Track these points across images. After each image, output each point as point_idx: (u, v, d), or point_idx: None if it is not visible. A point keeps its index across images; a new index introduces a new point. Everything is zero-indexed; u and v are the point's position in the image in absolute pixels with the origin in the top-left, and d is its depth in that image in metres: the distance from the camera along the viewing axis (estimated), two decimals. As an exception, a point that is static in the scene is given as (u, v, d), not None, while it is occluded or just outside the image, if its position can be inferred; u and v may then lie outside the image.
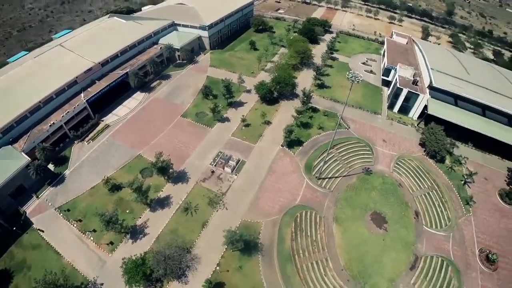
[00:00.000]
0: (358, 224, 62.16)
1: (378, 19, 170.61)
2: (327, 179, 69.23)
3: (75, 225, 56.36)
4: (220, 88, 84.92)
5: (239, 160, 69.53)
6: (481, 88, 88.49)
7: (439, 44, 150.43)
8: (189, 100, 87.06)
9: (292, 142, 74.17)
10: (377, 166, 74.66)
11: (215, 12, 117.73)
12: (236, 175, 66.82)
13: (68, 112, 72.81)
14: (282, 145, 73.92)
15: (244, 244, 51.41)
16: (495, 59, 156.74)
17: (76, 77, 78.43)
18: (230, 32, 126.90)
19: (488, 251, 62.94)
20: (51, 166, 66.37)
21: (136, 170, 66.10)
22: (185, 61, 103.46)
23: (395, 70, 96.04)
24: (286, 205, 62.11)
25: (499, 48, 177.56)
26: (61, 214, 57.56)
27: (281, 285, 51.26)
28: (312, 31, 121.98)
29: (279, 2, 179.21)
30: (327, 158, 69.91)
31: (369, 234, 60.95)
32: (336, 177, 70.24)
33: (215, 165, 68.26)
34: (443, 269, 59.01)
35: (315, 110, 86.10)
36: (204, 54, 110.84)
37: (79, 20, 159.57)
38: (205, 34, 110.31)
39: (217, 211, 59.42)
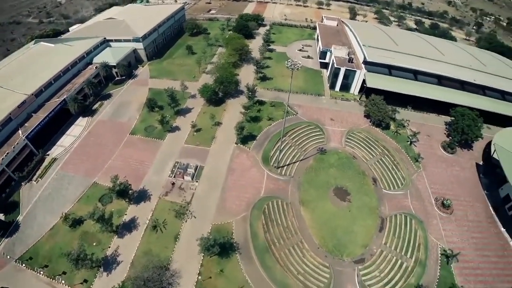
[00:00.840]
0: (323, 202, 64.96)
1: (307, 6, 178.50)
2: (285, 167, 71.29)
3: (41, 272, 52.03)
4: (165, 98, 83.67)
5: (197, 166, 69.04)
6: (409, 55, 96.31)
7: (366, 21, 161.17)
8: (135, 116, 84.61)
9: (245, 138, 75.24)
10: (330, 144, 78.41)
11: (147, 22, 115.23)
12: (197, 181, 66.29)
13: (7, 153, 66.68)
14: (236, 143, 74.70)
15: (220, 247, 51.37)
16: (417, 27, 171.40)
17: (10, 114, 72.10)
18: (165, 40, 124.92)
19: (442, 198, 69.50)
20: (0, 216, 60.75)
21: (95, 199, 62.88)
22: (124, 77, 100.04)
23: (331, 51, 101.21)
24: (252, 200, 62.99)
25: (419, 18, 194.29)
26: (24, 265, 52.82)
27: (265, 277, 52.05)
28: (246, 27, 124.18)
29: (209, 3, 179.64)
30: (282, 147, 71.80)
31: (335, 209, 64.01)
32: (294, 162, 72.59)
33: (174, 177, 67.15)
34: (408, 224, 64.03)
35: (261, 102, 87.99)
36: (143, 67, 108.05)
37: (2, 50, 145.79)
38: (139, 46, 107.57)
39: (186, 221, 58.55)
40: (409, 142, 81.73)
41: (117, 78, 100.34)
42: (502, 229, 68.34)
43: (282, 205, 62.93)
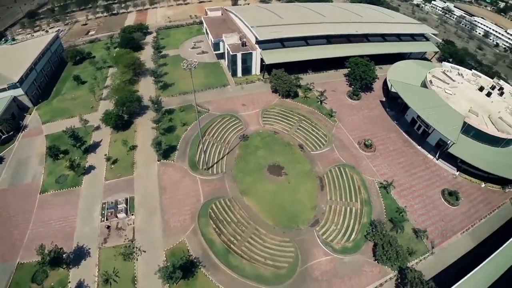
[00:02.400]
0: (262, 184, 68.42)
1: (188, 3, 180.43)
2: (215, 165, 72.66)
3: None
4: (67, 141, 77.29)
5: (127, 199, 66.10)
6: (295, 25, 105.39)
7: (248, 4, 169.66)
8: (39, 171, 76.18)
9: (166, 152, 74.47)
10: (250, 128, 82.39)
11: (20, 63, 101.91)
12: (132, 215, 63.64)
13: None
14: (158, 160, 73.45)
15: (182, 269, 50.84)
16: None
17: None
18: (47, 78, 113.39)
19: (363, 140, 79.55)
20: None
21: (27, 281, 54.96)
22: (12, 132, 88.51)
23: (223, 41, 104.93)
24: (194, 210, 63.15)
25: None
26: None
27: (237, 278, 53.31)
28: (132, 39, 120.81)
29: (85, 24, 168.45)
30: (204, 148, 73.57)
31: (275, 186, 68.06)
32: (222, 158, 74.50)
33: (106, 219, 63.12)
34: (343, 173, 71.92)
35: (170, 111, 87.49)
36: (30, 114, 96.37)
37: None
38: (19, 92, 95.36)
39: (137, 260, 55.91)
40: (319, 102, 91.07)
41: (3, 137, 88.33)
42: (418, 147, 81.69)
43: (225, 203, 64.45)
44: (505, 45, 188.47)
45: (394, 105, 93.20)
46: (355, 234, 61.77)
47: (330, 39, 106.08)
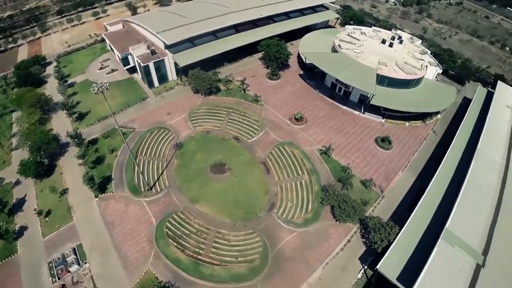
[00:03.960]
0: (210, 186, 67.13)
1: (84, 22, 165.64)
2: (157, 182, 69.06)
3: None
4: (-15, 208, 67.25)
5: (75, 249, 59.69)
6: (200, 21, 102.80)
7: (148, 10, 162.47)
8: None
9: (101, 185, 68.58)
10: (181, 135, 79.30)
11: None
12: (86, 263, 57.79)
13: None
14: (96, 196, 67.43)
15: (157, 300, 48.21)
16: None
17: None
18: None
19: (293, 115, 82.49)
20: None
21: None
22: None
23: (131, 54, 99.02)
24: (150, 235, 59.64)
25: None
26: None
27: (214, 286, 52.30)
28: (29, 75, 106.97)
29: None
30: (141, 168, 69.91)
31: (223, 184, 67.38)
32: (162, 173, 71.10)
33: (58, 278, 56.36)
34: (284, 151, 74.17)
35: (94, 141, 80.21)
36: None
37: None
38: None
39: (105, 309, 51.74)
40: (242, 91, 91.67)
41: None
42: (344, 107, 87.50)
43: (179, 217, 61.96)
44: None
45: (313, 75, 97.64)
46: (311, 204, 64.44)
47: (237, 28, 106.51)
